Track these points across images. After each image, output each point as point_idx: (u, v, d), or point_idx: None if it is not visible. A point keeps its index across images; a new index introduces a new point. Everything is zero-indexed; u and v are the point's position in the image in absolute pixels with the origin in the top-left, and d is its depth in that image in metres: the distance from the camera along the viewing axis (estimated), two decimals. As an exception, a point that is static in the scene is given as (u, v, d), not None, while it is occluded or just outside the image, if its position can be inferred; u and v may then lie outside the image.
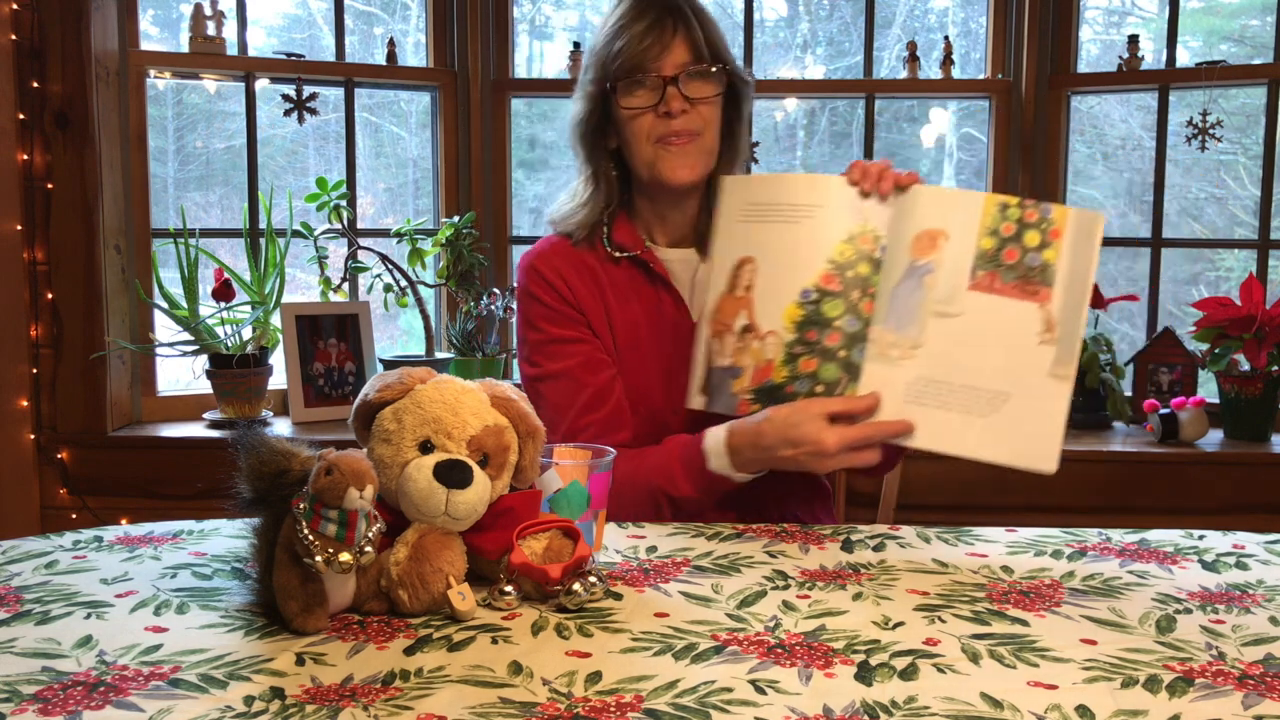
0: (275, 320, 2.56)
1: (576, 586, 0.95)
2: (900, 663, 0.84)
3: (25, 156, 2.40)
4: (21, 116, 2.39)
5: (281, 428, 2.51)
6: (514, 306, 2.69)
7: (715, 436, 1.32)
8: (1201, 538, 1.23)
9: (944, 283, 1.22)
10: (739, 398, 1.30)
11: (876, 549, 1.17)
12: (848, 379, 1.25)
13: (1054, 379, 1.18)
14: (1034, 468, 1.19)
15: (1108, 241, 3.16)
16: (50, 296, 2.43)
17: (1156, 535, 1.24)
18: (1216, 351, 2.52)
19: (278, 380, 2.64)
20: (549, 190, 3.31)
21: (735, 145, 1.50)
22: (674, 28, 1.40)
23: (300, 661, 0.84)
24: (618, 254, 1.47)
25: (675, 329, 1.45)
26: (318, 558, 0.87)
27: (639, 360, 1.46)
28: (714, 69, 1.41)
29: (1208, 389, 2.69)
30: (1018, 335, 1.20)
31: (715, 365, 1.31)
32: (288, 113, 2.67)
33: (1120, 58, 2.75)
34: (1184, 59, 2.81)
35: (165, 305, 2.51)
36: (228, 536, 1.18)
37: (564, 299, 1.46)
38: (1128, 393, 2.64)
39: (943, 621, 0.93)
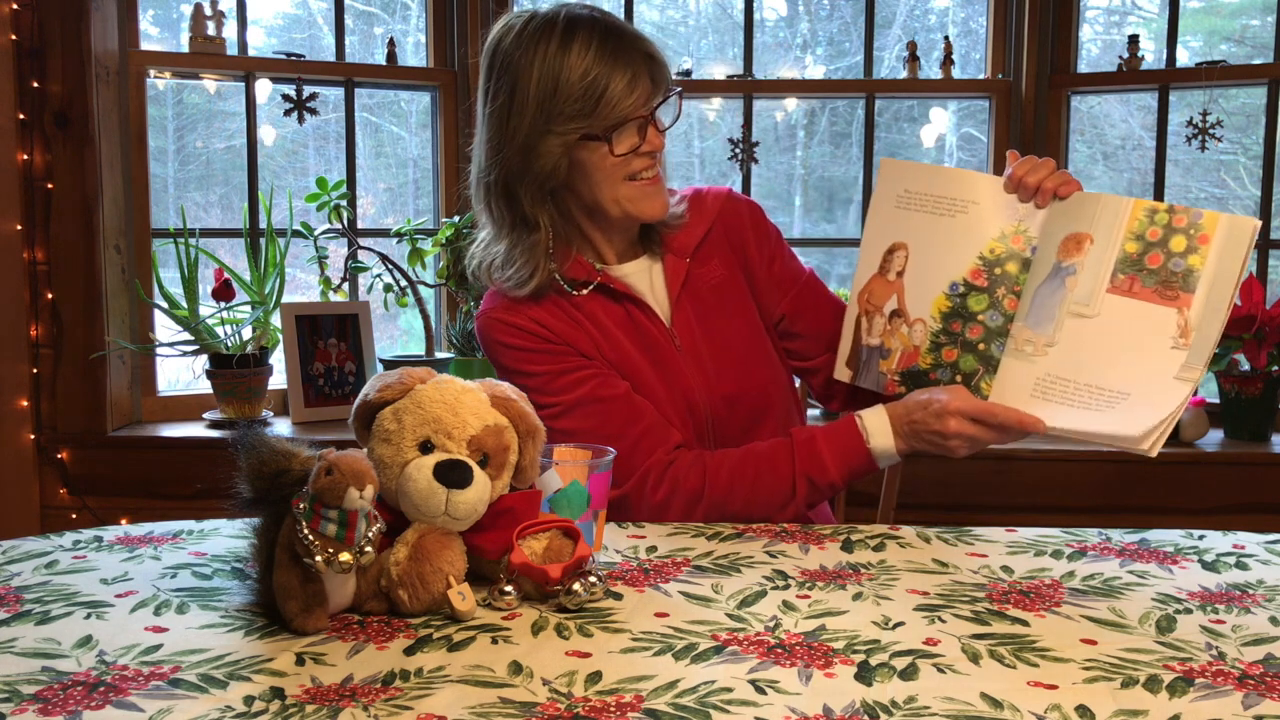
0: (275, 320, 2.56)
1: (576, 586, 0.95)
2: (900, 663, 0.84)
3: (25, 156, 2.40)
4: (21, 116, 2.39)
5: (281, 428, 2.51)
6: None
7: (876, 414, 1.35)
8: (1201, 538, 1.23)
9: (1084, 284, 1.25)
10: (887, 377, 1.38)
11: (876, 549, 1.17)
12: (984, 371, 1.31)
13: (1178, 381, 1.19)
14: (1133, 449, 1.20)
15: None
16: (50, 296, 2.43)
17: (1156, 535, 1.24)
18: (1216, 351, 2.52)
19: (278, 380, 2.64)
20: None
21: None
22: (649, 71, 1.35)
23: (300, 661, 0.84)
24: (578, 291, 1.43)
25: (654, 339, 1.43)
26: (318, 558, 0.87)
27: (636, 379, 1.42)
28: (675, 94, 1.39)
29: (1208, 389, 2.69)
30: (1151, 339, 1.21)
31: (865, 343, 1.39)
32: (288, 113, 2.67)
33: (1120, 58, 2.75)
34: (1184, 59, 2.81)
35: (165, 305, 2.51)
36: (228, 536, 1.18)
37: (545, 339, 1.41)
38: (1128, 393, 2.64)
39: (943, 621, 0.93)
